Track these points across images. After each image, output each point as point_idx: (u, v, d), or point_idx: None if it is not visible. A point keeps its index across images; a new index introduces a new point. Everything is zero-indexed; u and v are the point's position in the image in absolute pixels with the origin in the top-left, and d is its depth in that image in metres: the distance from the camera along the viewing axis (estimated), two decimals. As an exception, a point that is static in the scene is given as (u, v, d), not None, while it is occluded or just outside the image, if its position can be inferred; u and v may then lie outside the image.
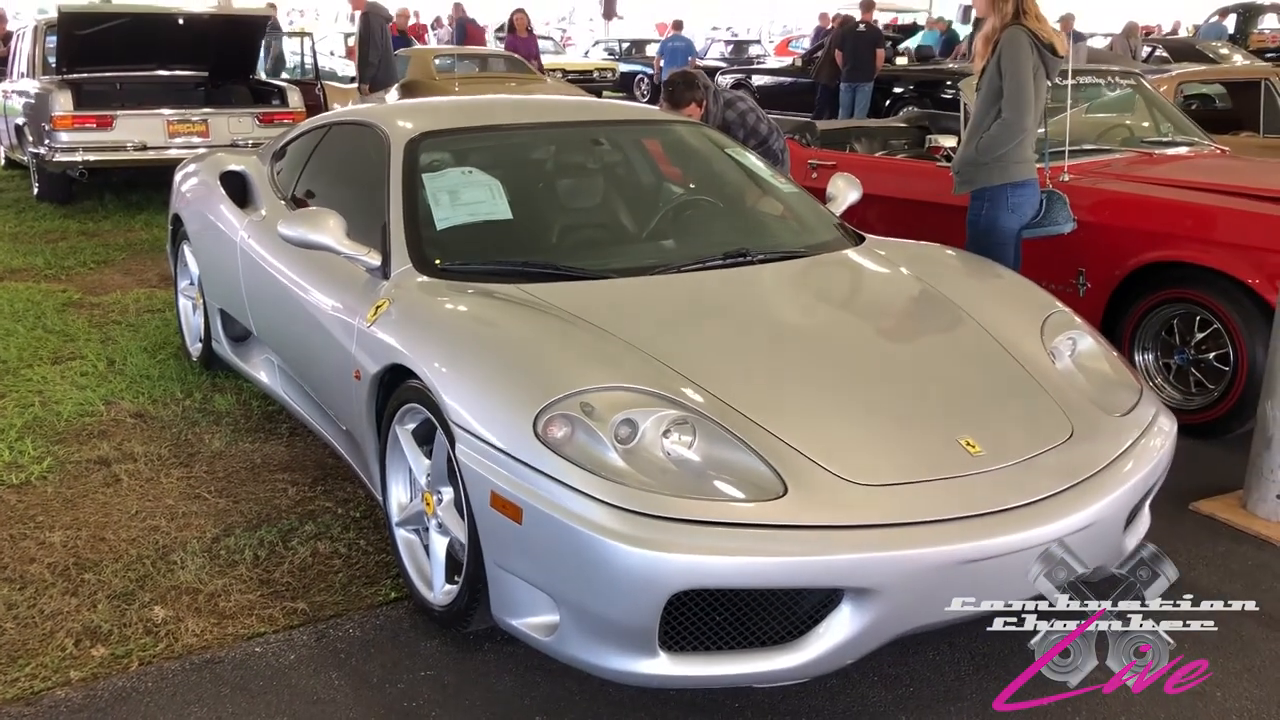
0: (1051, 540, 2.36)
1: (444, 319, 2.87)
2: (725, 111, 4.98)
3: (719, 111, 4.97)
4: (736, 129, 4.94)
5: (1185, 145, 5.45)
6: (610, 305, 2.93)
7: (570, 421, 2.38)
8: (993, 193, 4.18)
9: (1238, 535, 3.45)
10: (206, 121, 8.80)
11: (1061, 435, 2.65)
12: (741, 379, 2.62)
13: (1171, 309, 4.29)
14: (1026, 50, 3.99)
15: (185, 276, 4.98)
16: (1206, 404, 4.18)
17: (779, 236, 3.68)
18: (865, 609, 2.26)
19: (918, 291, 3.29)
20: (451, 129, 3.72)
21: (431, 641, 2.78)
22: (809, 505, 2.28)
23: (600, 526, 2.21)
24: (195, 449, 4.04)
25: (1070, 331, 3.12)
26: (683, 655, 2.29)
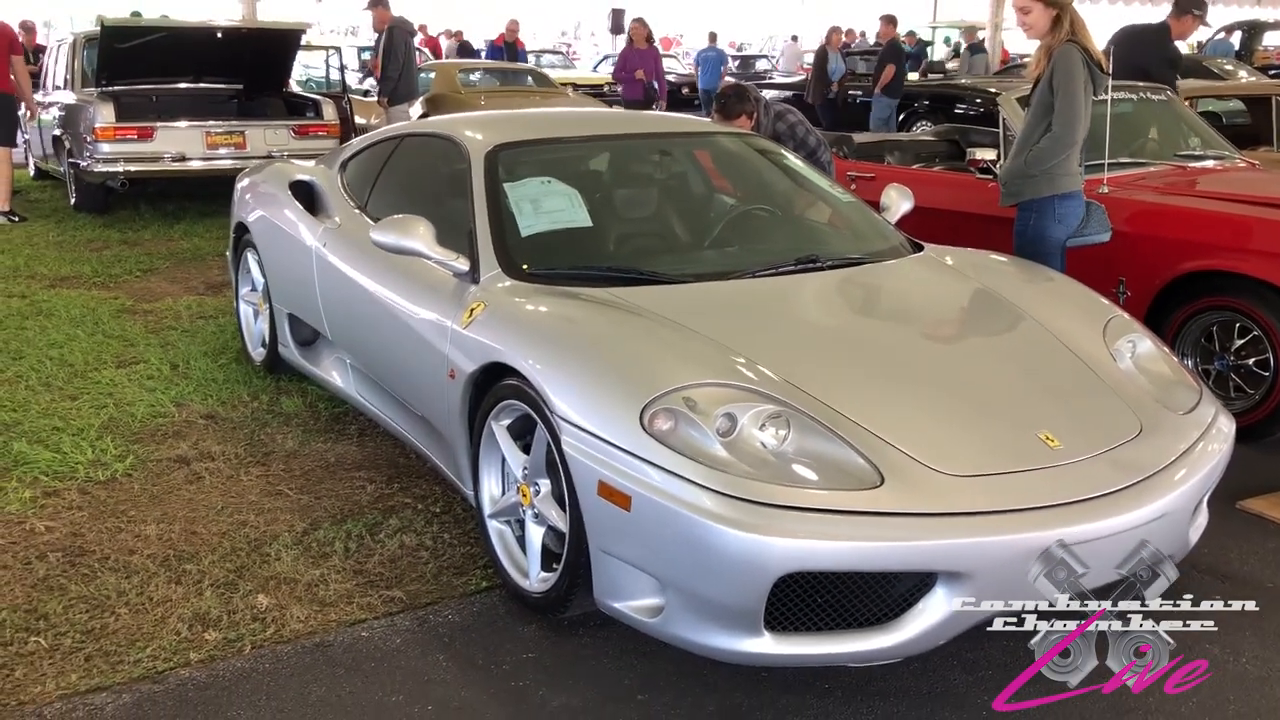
0: (1132, 528, 2.50)
1: (540, 319, 3.02)
2: (775, 123, 5.13)
3: (769, 123, 5.12)
4: (786, 140, 5.09)
5: (1215, 158, 5.61)
6: (694, 307, 3.08)
7: (674, 415, 2.52)
8: (1040, 204, 4.33)
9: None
10: (243, 133, 8.97)
11: (1132, 431, 2.80)
12: (829, 377, 2.76)
13: (1211, 316, 4.43)
14: (1080, 67, 4.14)
15: (247, 283, 5.13)
16: (1247, 408, 4.32)
17: (844, 244, 3.83)
18: (958, 592, 2.40)
19: (983, 296, 3.44)
20: (527, 140, 3.87)
21: (529, 626, 2.91)
22: (904, 494, 2.42)
23: (708, 512, 2.35)
24: (269, 448, 4.18)
25: (1130, 335, 3.27)
26: (786, 635, 2.43)
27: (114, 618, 2.96)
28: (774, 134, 5.10)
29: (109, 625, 2.92)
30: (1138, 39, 6.96)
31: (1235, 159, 5.64)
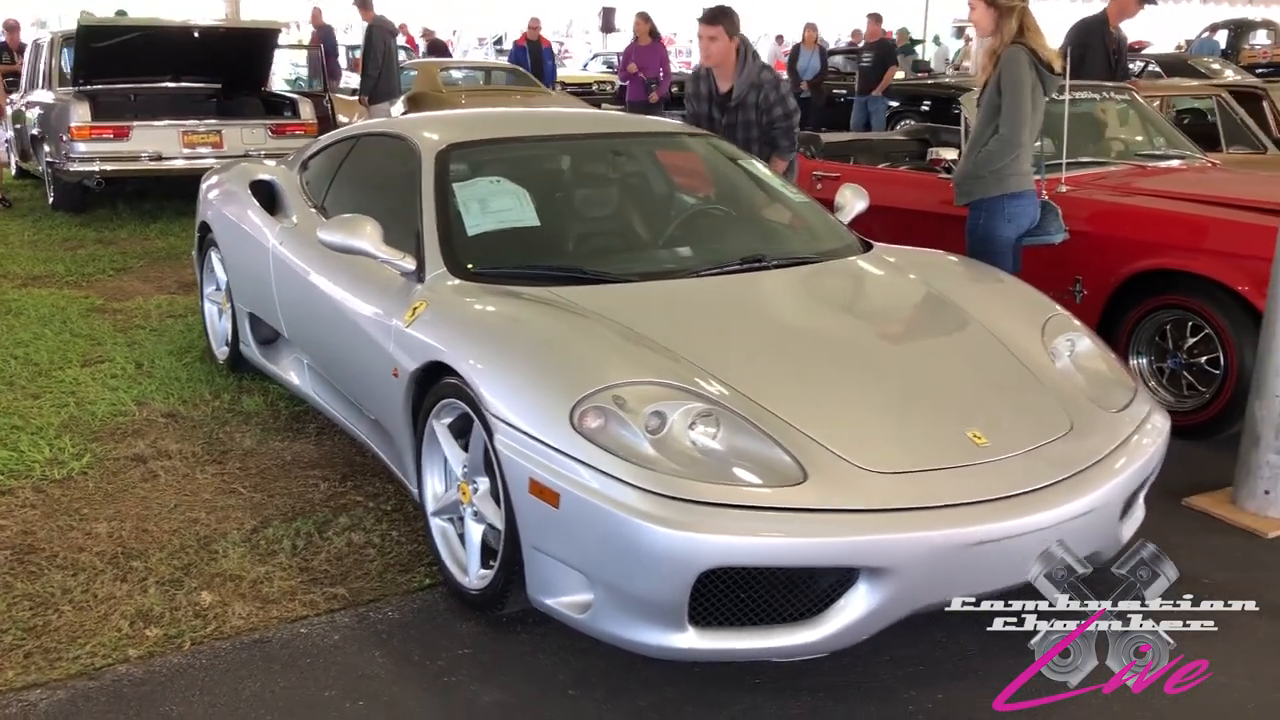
0: (1052, 525, 2.53)
1: (480, 318, 3.05)
2: (761, 72, 5.13)
3: (755, 70, 5.12)
4: (769, 90, 5.08)
5: (1178, 158, 5.65)
6: (635, 306, 3.11)
7: (604, 413, 2.55)
8: (990, 204, 4.36)
9: (1228, 528, 3.62)
10: (220, 132, 8.98)
11: (1061, 429, 2.83)
12: (761, 375, 2.80)
13: (1165, 315, 4.47)
14: (1026, 69, 4.17)
15: (211, 282, 5.15)
16: (1198, 406, 4.36)
17: (792, 243, 3.86)
18: (880, 587, 2.43)
19: (924, 295, 3.47)
20: (479, 140, 3.89)
21: (467, 623, 2.94)
22: (827, 490, 2.45)
23: (634, 509, 2.38)
24: (227, 447, 4.21)
25: (1069, 333, 3.30)
26: (710, 630, 2.46)
27: (57, 615, 2.98)
28: (756, 81, 5.09)
29: (51, 622, 2.94)
30: (1079, 31, 6.96)
31: (1197, 159, 5.68)
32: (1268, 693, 2.74)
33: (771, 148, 5.19)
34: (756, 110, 5.13)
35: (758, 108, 5.11)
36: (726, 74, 5.20)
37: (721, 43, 5.12)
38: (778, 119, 5.12)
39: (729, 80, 5.20)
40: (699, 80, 5.37)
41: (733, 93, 5.17)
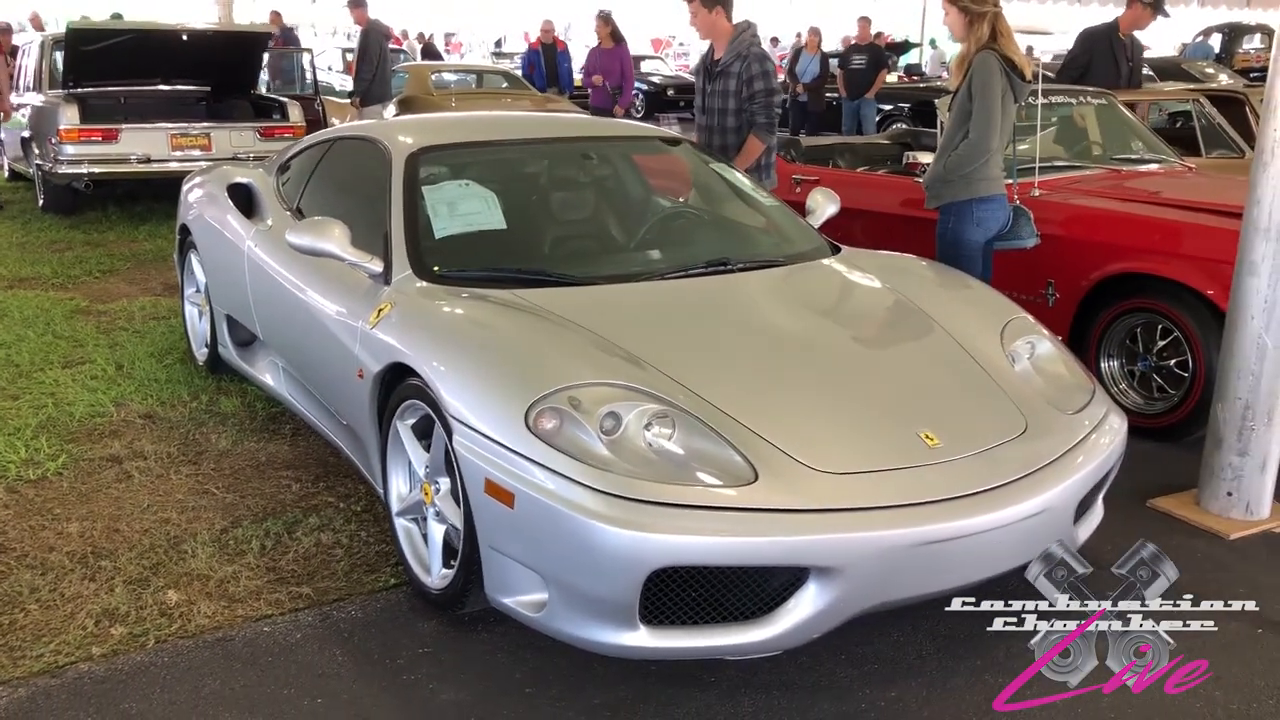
0: (1003, 525, 2.56)
1: (442, 321, 3.08)
2: (751, 46, 5.16)
3: (746, 44, 5.14)
4: (754, 62, 5.09)
5: (1154, 162, 5.68)
6: (597, 309, 3.14)
7: (559, 414, 2.58)
8: (959, 207, 4.39)
9: (1191, 530, 3.65)
10: (209, 135, 9.01)
11: (1016, 430, 2.86)
12: (718, 377, 2.83)
13: (1135, 318, 4.50)
14: (997, 74, 4.20)
15: (192, 284, 5.18)
16: (1167, 408, 4.39)
17: (759, 246, 3.89)
18: (830, 587, 2.46)
19: (887, 298, 3.50)
20: (449, 144, 3.93)
21: (429, 622, 2.97)
22: (778, 490, 2.48)
23: (585, 509, 2.41)
24: (203, 448, 4.23)
25: (1029, 336, 3.33)
26: (662, 629, 2.49)
27: (23, 614, 3.01)
28: (744, 53, 5.11)
29: (17, 621, 2.97)
30: (1085, 39, 7.01)
31: (1173, 163, 5.71)
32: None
33: (749, 124, 5.13)
34: (738, 80, 5.12)
35: (739, 78, 5.11)
36: (721, 45, 5.25)
37: (701, 16, 5.20)
38: (758, 93, 5.07)
39: (721, 50, 5.25)
40: (703, 56, 5.47)
41: (720, 60, 5.22)
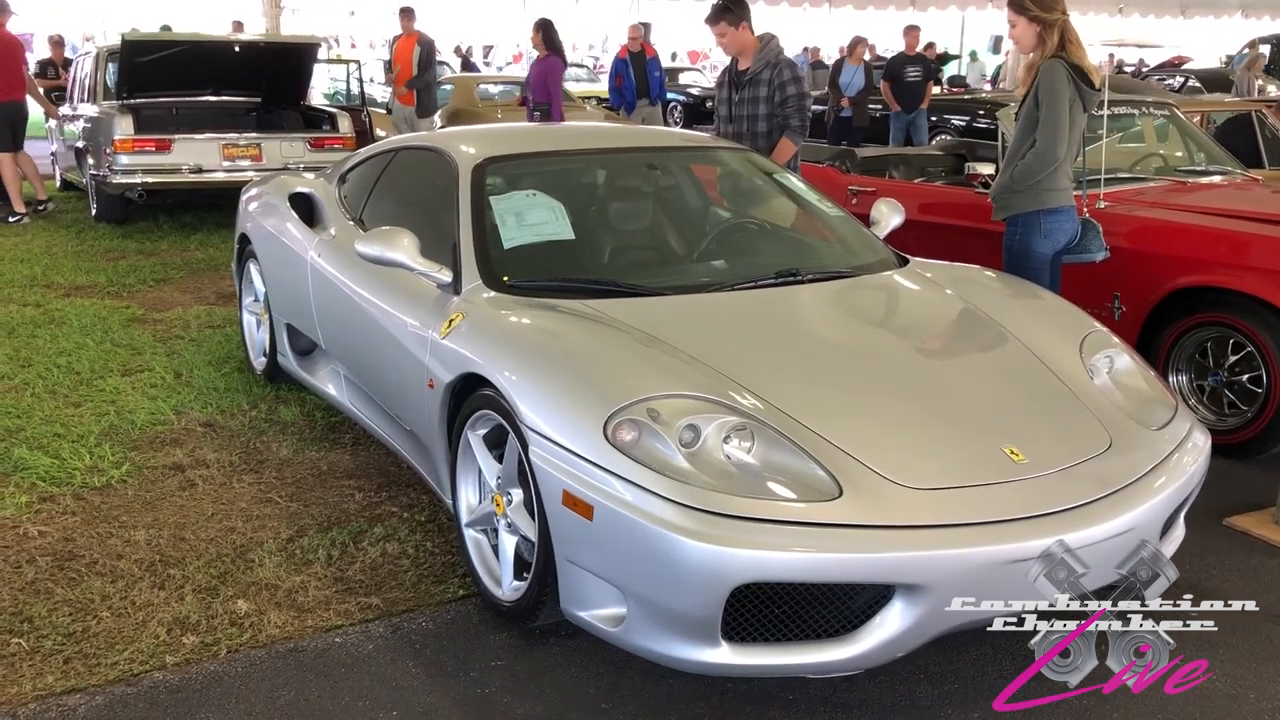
0: (1091, 544, 2.50)
1: (515, 331, 3.06)
2: (780, 55, 5.45)
3: (774, 53, 5.42)
4: (785, 68, 5.37)
5: (1217, 174, 5.59)
6: (669, 320, 3.11)
7: (638, 426, 2.55)
8: (1027, 219, 4.33)
9: (1271, 549, 3.57)
10: (259, 146, 9.08)
11: (1100, 446, 2.80)
12: (795, 389, 2.79)
13: (1205, 332, 4.42)
14: (1064, 82, 4.14)
15: (250, 293, 5.20)
16: (1240, 424, 4.30)
17: (827, 257, 3.85)
18: (915, 605, 2.41)
19: (961, 310, 3.45)
20: (515, 154, 3.92)
21: (500, 635, 2.95)
22: (863, 506, 2.44)
23: (668, 522, 2.38)
24: (264, 457, 4.24)
25: (1108, 350, 3.27)
26: (744, 645, 2.45)
27: (96, 621, 3.02)
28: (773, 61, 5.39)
29: (90, 628, 2.98)
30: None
31: (1237, 174, 5.61)
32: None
33: (783, 127, 5.40)
34: (768, 87, 5.39)
35: (770, 84, 5.37)
36: (747, 57, 5.51)
37: (730, 35, 5.45)
38: (790, 96, 5.37)
39: (748, 60, 5.50)
40: (726, 70, 5.70)
41: (749, 70, 5.46)
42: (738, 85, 5.51)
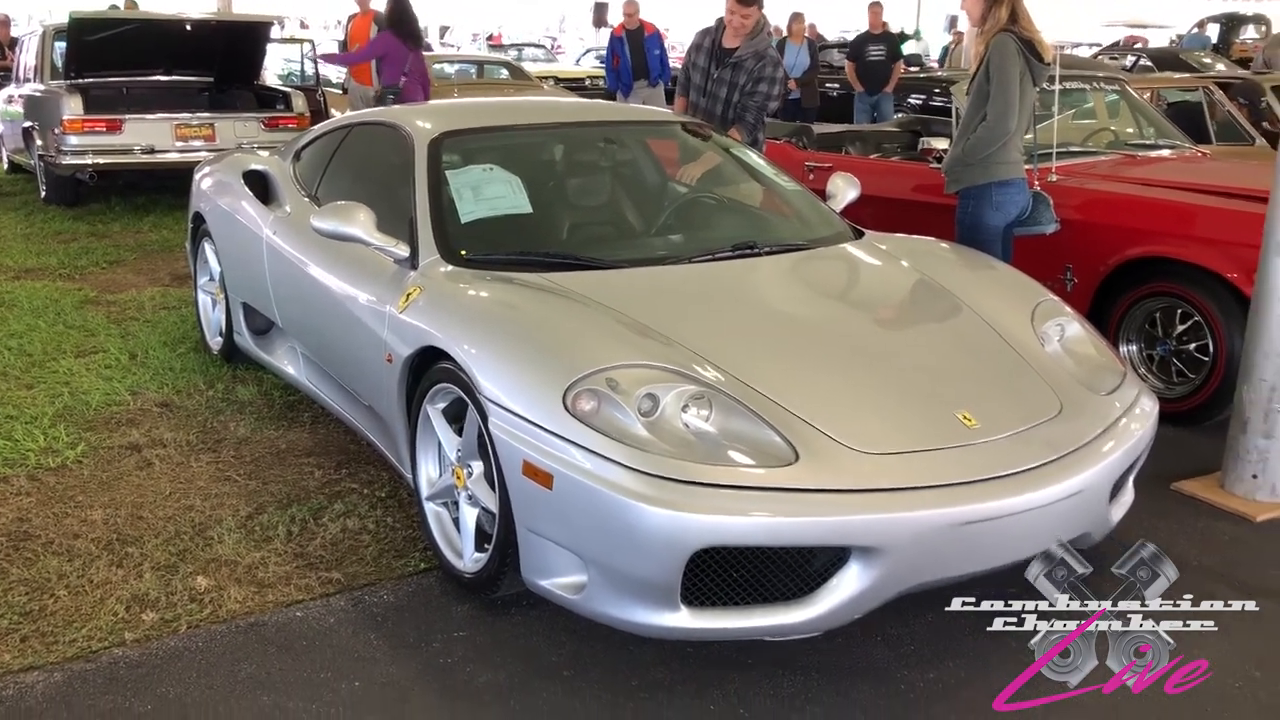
0: (1041, 505, 2.56)
1: (473, 304, 3.07)
2: (770, 49, 5.46)
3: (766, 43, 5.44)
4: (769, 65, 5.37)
5: (1167, 147, 5.68)
6: (627, 292, 3.13)
7: (597, 396, 2.57)
8: (978, 191, 4.39)
9: (1216, 512, 3.65)
10: (212, 126, 8.97)
11: (1051, 411, 2.86)
12: (753, 358, 2.82)
13: (1154, 302, 4.50)
14: (1014, 56, 4.20)
15: (205, 273, 5.16)
16: (1188, 392, 4.39)
17: (783, 230, 3.89)
18: (871, 566, 2.45)
19: (916, 281, 3.49)
20: (470, 129, 3.91)
21: (462, 606, 2.96)
22: (818, 471, 2.48)
23: (627, 489, 2.40)
24: (221, 436, 4.22)
25: (1058, 318, 3.33)
26: (703, 610, 2.48)
27: (53, 599, 2.99)
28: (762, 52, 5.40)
29: (48, 607, 2.96)
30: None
31: (1186, 149, 5.71)
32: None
33: (737, 118, 5.41)
34: (747, 75, 5.37)
35: (749, 73, 5.35)
36: (738, 36, 5.42)
37: (753, 18, 5.38)
38: (760, 92, 5.38)
39: (739, 40, 5.41)
40: (706, 34, 5.58)
41: (737, 51, 5.40)
42: (719, 62, 5.47)
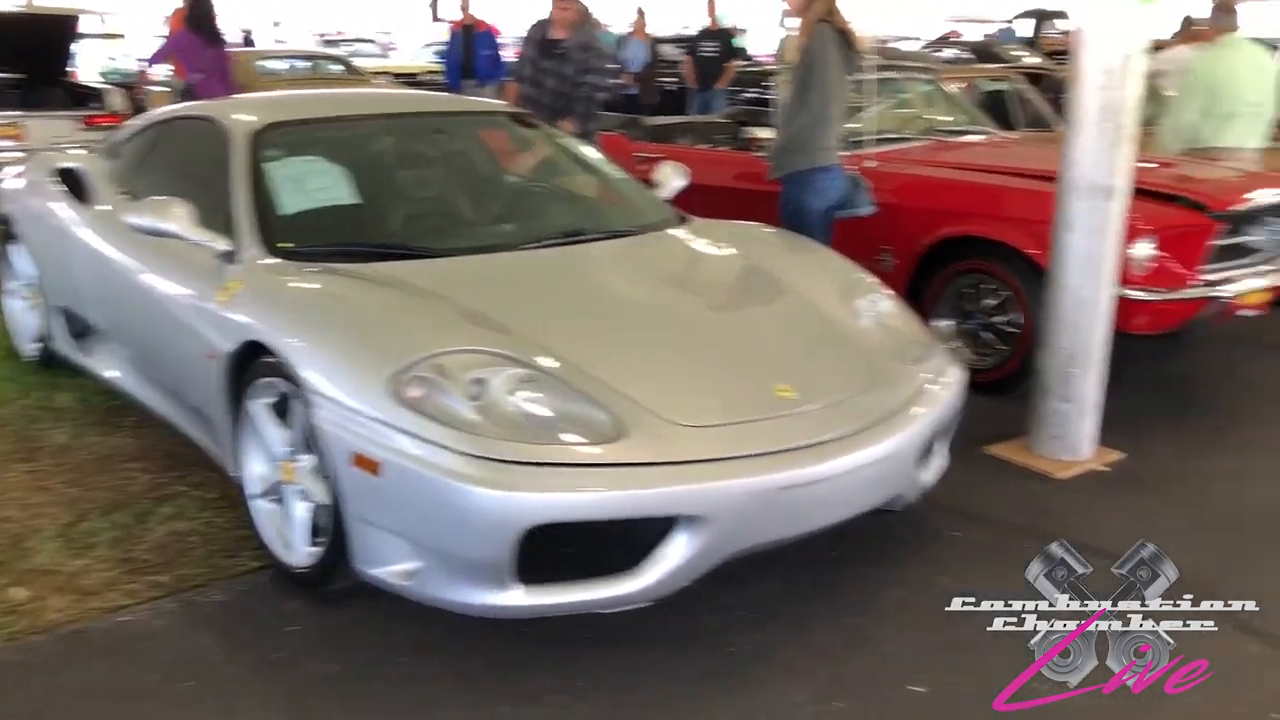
0: (853, 469, 2.71)
1: (296, 296, 3.04)
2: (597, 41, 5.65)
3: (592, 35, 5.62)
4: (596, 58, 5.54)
5: (975, 134, 6.00)
6: (455, 279, 3.15)
7: (424, 382, 2.59)
8: (800, 177, 4.57)
9: (1024, 472, 3.90)
10: (23, 125, 8.51)
11: (864, 382, 3.01)
12: (581, 340, 2.88)
13: (966, 279, 4.76)
14: (831, 46, 4.39)
15: (13, 276, 4.92)
16: (999, 362, 4.66)
17: (610, 217, 3.96)
18: (696, 535, 2.55)
19: (738, 263, 3.63)
20: (294, 120, 3.86)
21: (297, 601, 2.93)
22: (643, 446, 2.56)
23: (456, 473, 2.43)
24: (39, 444, 4.04)
25: (872, 295, 3.51)
26: (537, 587, 2.53)
27: None
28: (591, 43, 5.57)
29: None
30: None
31: (993, 134, 6.04)
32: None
33: (567, 110, 5.51)
34: (575, 66, 5.49)
35: (576, 64, 5.48)
36: (564, 28, 5.55)
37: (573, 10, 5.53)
38: (588, 83, 5.51)
39: (565, 32, 5.54)
40: (538, 26, 5.70)
41: (564, 42, 5.52)
42: (548, 54, 5.57)
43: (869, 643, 2.82)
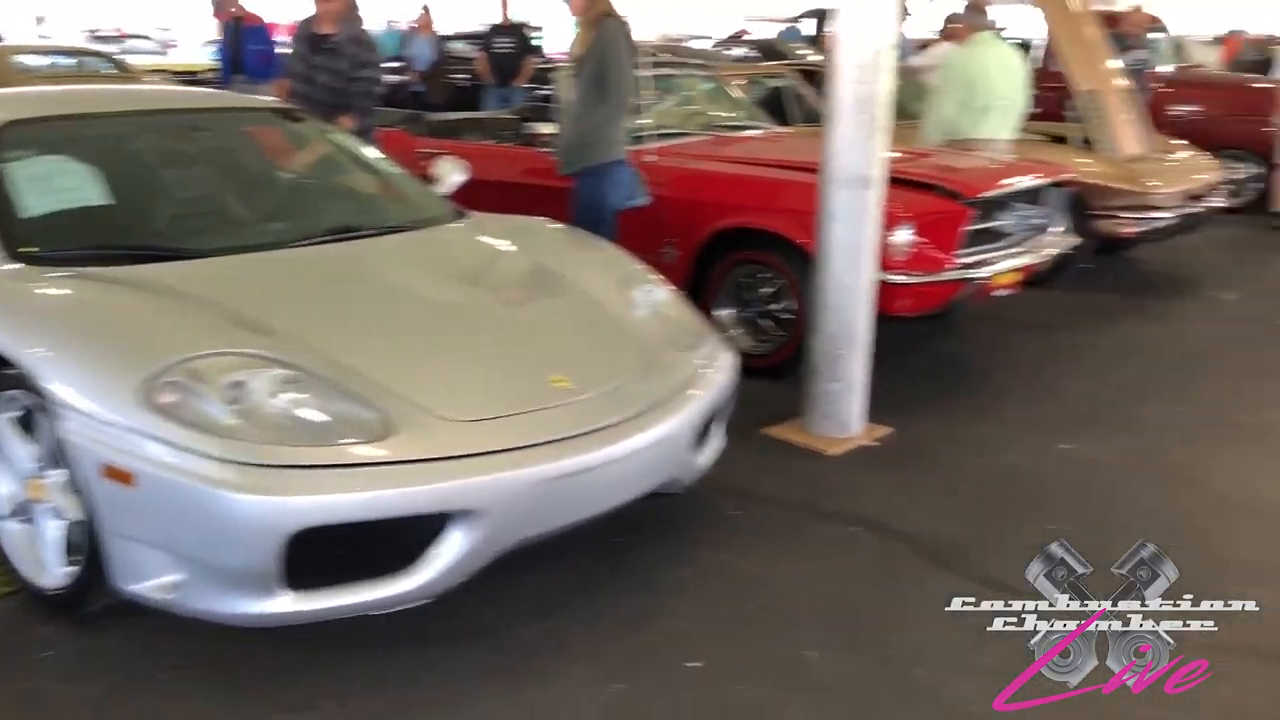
0: (627, 454, 2.76)
1: (39, 303, 2.86)
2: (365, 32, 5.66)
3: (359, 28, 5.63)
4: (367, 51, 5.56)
5: (753, 129, 6.20)
6: (217, 280, 3.04)
7: (178, 388, 2.48)
8: (597, 171, 4.66)
9: (798, 451, 4.06)
10: None
11: (639, 370, 3.08)
12: (349, 338, 2.83)
13: (743, 269, 4.92)
14: (620, 40, 4.51)
15: None
16: (776, 348, 4.84)
17: (384, 213, 3.90)
18: (471, 530, 2.54)
19: (515, 258, 3.64)
20: (40, 117, 3.63)
21: (50, 625, 2.76)
22: (413, 442, 2.53)
23: (214, 479, 2.35)
24: None
25: (647, 286, 3.59)
26: (306, 592, 2.47)
27: None
28: (360, 37, 5.59)
29: None
30: None
31: (769, 129, 6.26)
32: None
33: (343, 106, 5.43)
34: (349, 61, 5.45)
35: (350, 59, 5.44)
36: (331, 21, 5.52)
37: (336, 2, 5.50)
38: (365, 77, 5.48)
39: (332, 26, 5.49)
40: (307, 21, 5.66)
41: (332, 37, 5.47)
42: (317, 49, 5.50)
43: (653, 622, 2.88)
